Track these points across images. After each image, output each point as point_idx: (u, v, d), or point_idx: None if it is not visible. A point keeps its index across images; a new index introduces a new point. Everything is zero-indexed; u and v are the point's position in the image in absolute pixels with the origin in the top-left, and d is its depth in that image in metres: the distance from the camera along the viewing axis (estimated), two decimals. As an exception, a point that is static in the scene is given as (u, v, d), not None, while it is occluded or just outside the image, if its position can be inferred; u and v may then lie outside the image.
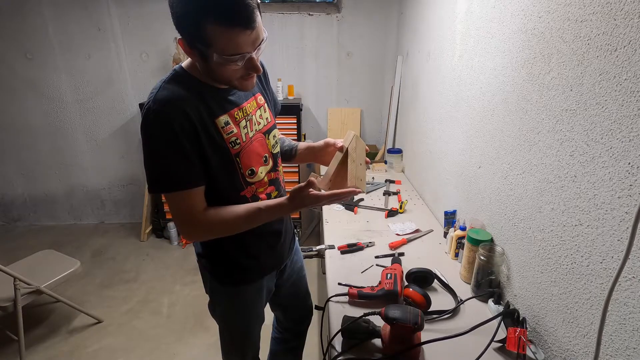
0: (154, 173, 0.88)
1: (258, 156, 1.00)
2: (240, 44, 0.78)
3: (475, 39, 1.39)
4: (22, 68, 2.91)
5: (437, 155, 1.83)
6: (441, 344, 0.95)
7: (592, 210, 0.82)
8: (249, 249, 1.07)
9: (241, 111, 0.96)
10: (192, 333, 2.10)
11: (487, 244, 1.21)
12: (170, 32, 2.82)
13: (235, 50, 0.79)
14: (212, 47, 0.78)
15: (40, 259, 2.09)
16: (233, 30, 0.76)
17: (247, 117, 0.97)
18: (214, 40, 0.77)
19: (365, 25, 2.89)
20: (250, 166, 0.98)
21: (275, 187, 1.08)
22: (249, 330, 1.22)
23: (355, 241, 1.52)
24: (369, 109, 3.14)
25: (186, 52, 0.84)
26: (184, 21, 0.80)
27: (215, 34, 0.76)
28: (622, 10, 0.73)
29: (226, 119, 0.92)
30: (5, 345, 1.99)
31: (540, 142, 1.01)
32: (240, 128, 0.95)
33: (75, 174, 3.26)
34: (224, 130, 0.91)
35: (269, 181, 1.05)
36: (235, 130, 0.93)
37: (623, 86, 0.73)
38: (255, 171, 0.99)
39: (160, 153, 0.85)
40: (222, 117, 0.91)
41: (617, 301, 0.76)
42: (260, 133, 1.01)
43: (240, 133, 0.95)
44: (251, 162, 0.98)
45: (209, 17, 0.75)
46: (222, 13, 0.74)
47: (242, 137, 0.95)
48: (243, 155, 0.95)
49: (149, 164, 0.87)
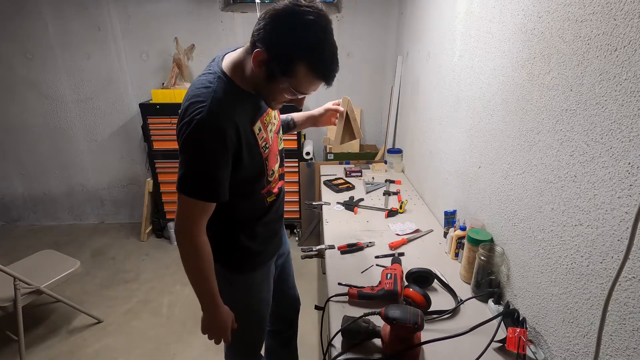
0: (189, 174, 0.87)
1: (275, 156, 1.06)
2: (313, 89, 0.87)
3: (475, 39, 1.39)
4: (22, 68, 2.91)
5: (437, 155, 1.83)
6: (441, 344, 0.95)
7: (592, 210, 0.82)
8: (260, 236, 1.12)
9: (268, 115, 1.01)
10: (192, 333, 2.10)
11: (487, 244, 1.21)
12: (170, 32, 2.81)
13: (305, 91, 0.87)
14: (289, 79, 0.83)
15: (40, 259, 2.09)
16: (318, 80, 0.84)
17: (271, 121, 1.02)
18: (296, 77, 0.83)
19: (365, 25, 2.89)
20: (272, 167, 1.04)
21: (282, 181, 1.15)
22: (263, 316, 1.25)
23: (355, 241, 1.52)
24: (369, 109, 3.14)
25: (257, 63, 0.84)
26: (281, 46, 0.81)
27: (301, 74, 0.82)
28: (622, 10, 0.73)
29: (259, 125, 0.96)
30: (5, 345, 1.99)
31: (540, 142, 1.01)
32: (268, 132, 1.00)
33: (75, 174, 3.26)
34: (259, 136, 0.95)
35: (279, 176, 1.12)
36: (265, 135, 0.98)
37: (623, 86, 0.73)
38: (275, 171, 1.07)
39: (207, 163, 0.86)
40: (257, 124, 0.95)
41: (617, 301, 0.76)
42: (275, 133, 1.07)
43: (268, 137, 1.00)
44: (272, 163, 1.04)
45: (306, 60, 0.80)
46: (318, 64, 0.81)
47: (269, 141, 1.00)
48: (269, 158, 1.01)
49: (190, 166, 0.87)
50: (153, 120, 2.72)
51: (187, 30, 2.83)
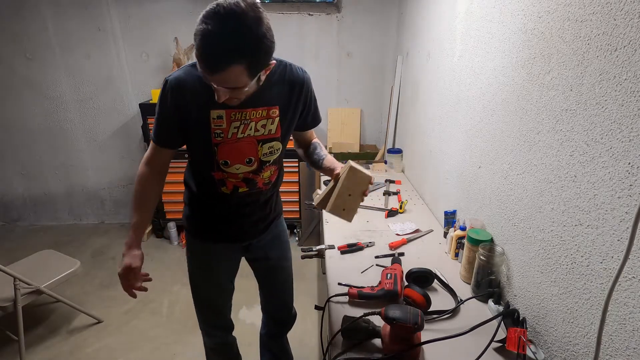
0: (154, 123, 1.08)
1: (240, 154, 1.09)
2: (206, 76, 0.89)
3: (475, 39, 1.39)
4: (22, 68, 2.91)
5: (437, 155, 1.83)
6: (441, 344, 0.95)
7: (592, 210, 0.82)
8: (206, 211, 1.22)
9: (240, 113, 1.04)
10: (192, 333, 2.10)
11: (487, 244, 1.21)
12: (170, 32, 2.81)
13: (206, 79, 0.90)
14: None
15: (40, 259, 2.09)
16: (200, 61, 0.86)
17: (244, 121, 1.05)
18: None
19: (365, 25, 2.89)
20: (226, 158, 1.08)
21: (246, 185, 1.15)
22: (207, 293, 1.34)
23: (355, 241, 1.52)
24: (369, 109, 3.14)
25: None
26: None
27: None
28: (622, 10, 0.73)
29: (220, 113, 1.02)
30: (5, 345, 1.98)
31: (540, 142, 1.01)
32: (230, 126, 1.05)
33: (75, 174, 3.26)
34: (214, 121, 1.03)
35: (244, 179, 1.14)
36: (224, 125, 1.04)
37: (623, 86, 0.73)
38: (229, 164, 1.09)
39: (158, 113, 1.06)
40: (218, 111, 1.02)
41: (617, 301, 0.76)
42: (253, 138, 1.09)
43: (228, 130, 1.05)
44: (229, 156, 1.08)
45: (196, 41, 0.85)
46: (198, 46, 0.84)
47: (227, 133, 1.05)
48: (222, 147, 1.06)
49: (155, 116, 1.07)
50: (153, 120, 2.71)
51: (187, 30, 2.83)
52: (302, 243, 2.96)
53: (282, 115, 1.11)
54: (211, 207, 1.20)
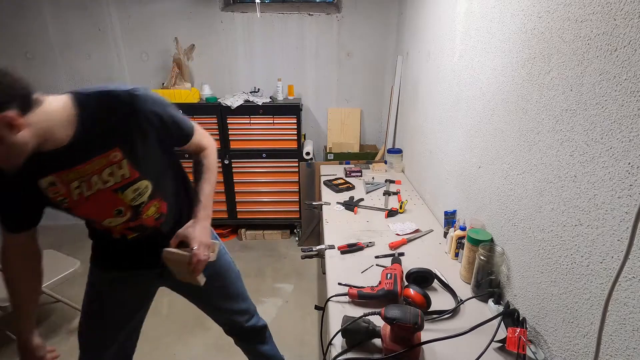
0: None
1: (102, 210, 0.99)
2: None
3: (475, 39, 1.39)
4: (22, 68, 2.91)
5: (437, 155, 1.83)
6: (441, 344, 0.95)
7: (592, 210, 0.82)
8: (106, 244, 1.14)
9: (73, 173, 0.90)
10: (192, 333, 2.10)
11: (487, 244, 1.21)
12: (171, 32, 2.81)
13: None
14: None
15: (40, 259, 2.09)
16: None
17: (83, 179, 0.92)
18: None
19: (365, 25, 2.89)
20: (90, 217, 1.01)
21: (134, 231, 1.06)
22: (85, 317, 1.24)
23: (355, 241, 1.52)
24: (369, 109, 3.14)
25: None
26: None
27: None
28: (622, 10, 0.73)
29: (51, 179, 0.90)
30: (5, 345, 1.98)
31: (540, 142, 1.01)
32: (71, 188, 0.92)
33: (75, 174, 3.26)
34: (49, 190, 0.91)
35: (127, 228, 1.05)
36: (62, 191, 0.92)
37: (623, 86, 0.73)
38: (98, 221, 1.02)
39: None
40: (47, 178, 0.89)
41: (617, 301, 0.76)
42: (108, 190, 0.95)
43: (71, 193, 0.93)
44: (90, 215, 1.00)
45: None
46: None
47: (72, 197, 0.93)
48: (77, 210, 0.97)
49: None
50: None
51: (187, 30, 2.83)
52: (302, 243, 2.97)
53: (128, 155, 0.93)
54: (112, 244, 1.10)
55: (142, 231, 1.07)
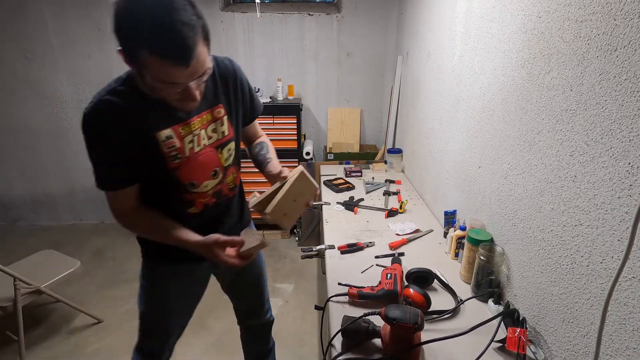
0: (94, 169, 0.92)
1: (204, 170, 1.01)
2: (174, 76, 0.77)
3: (475, 39, 1.39)
4: (22, 68, 2.91)
5: (437, 155, 1.83)
6: (441, 344, 0.95)
7: (592, 210, 0.82)
8: None
9: (187, 126, 0.94)
10: (192, 333, 2.09)
11: (487, 244, 1.21)
12: (170, 32, 2.81)
13: (170, 80, 0.78)
14: (146, 71, 0.77)
15: (40, 259, 2.09)
16: (166, 63, 0.74)
17: (193, 133, 0.95)
18: (148, 66, 0.76)
19: (365, 25, 2.89)
20: (191, 180, 0.99)
21: (216, 199, 1.08)
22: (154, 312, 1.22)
23: (355, 241, 1.52)
24: (369, 109, 3.14)
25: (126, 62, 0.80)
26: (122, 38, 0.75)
27: (149, 62, 0.75)
28: (622, 10, 0.73)
29: (169, 133, 0.91)
30: (5, 345, 1.98)
31: (540, 142, 1.01)
32: (184, 143, 0.94)
33: (75, 174, 3.26)
34: (165, 144, 0.91)
35: (213, 193, 1.06)
36: (177, 145, 0.93)
37: (623, 86, 0.73)
38: (197, 184, 1.01)
39: (92, 154, 0.90)
40: (165, 131, 0.91)
41: (617, 301, 0.76)
42: (211, 147, 1.00)
43: (184, 148, 0.94)
44: (193, 176, 0.99)
45: (144, 48, 0.73)
46: (156, 47, 0.72)
47: (184, 152, 0.95)
48: (184, 169, 0.96)
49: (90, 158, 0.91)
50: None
51: (187, 30, 2.83)
52: (302, 243, 2.96)
53: (228, 113, 1.03)
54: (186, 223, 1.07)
55: (219, 198, 1.08)
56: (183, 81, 0.79)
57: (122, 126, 0.87)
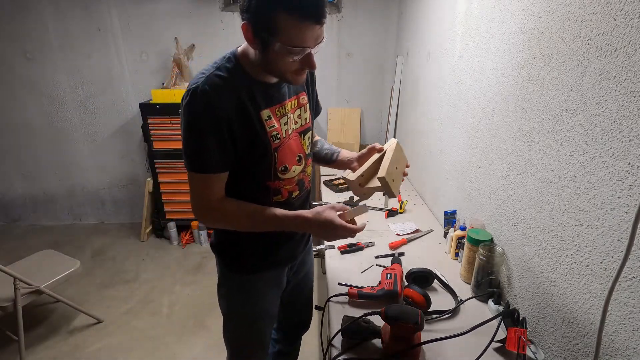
0: (187, 149, 0.89)
1: (293, 154, 1.01)
2: (306, 37, 0.79)
3: (475, 39, 1.39)
4: (22, 68, 2.91)
5: (437, 155, 1.83)
6: (441, 344, 0.95)
7: (592, 210, 0.82)
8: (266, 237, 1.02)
9: (283, 108, 0.97)
10: (192, 333, 2.10)
11: (487, 244, 1.21)
12: (171, 32, 2.81)
13: (300, 43, 0.80)
14: (278, 37, 0.79)
15: (40, 259, 2.09)
16: (303, 23, 0.77)
17: (286, 116, 0.98)
18: (282, 30, 0.78)
19: (365, 25, 2.89)
20: (284, 163, 0.99)
21: (298, 188, 1.07)
22: (256, 325, 1.16)
23: (355, 241, 1.52)
24: (369, 109, 3.14)
25: (247, 38, 0.84)
26: (256, 6, 0.78)
27: (284, 24, 0.77)
28: (622, 10, 0.73)
29: (268, 113, 0.93)
30: (5, 345, 1.98)
31: (540, 142, 1.01)
32: (281, 124, 0.96)
33: (75, 174, 3.26)
34: (267, 123, 0.93)
35: (297, 181, 1.05)
36: (276, 125, 0.94)
37: (623, 86, 0.73)
38: (288, 168, 1.00)
39: (197, 132, 0.86)
40: (265, 111, 0.93)
41: (617, 301, 0.76)
42: (296, 132, 1.02)
43: (281, 129, 0.96)
44: (286, 159, 0.99)
45: (282, 7, 0.75)
46: (296, 5, 0.75)
47: (282, 133, 0.96)
48: (280, 151, 0.96)
49: (186, 140, 0.88)
50: (153, 120, 2.72)
51: (187, 30, 2.83)
52: (302, 243, 2.96)
53: (310, 101, 1.05)
54: None
55: (301, 189, 1.08)
56: (310, 45, 0.81)
57: (232, 102, 0.86)
